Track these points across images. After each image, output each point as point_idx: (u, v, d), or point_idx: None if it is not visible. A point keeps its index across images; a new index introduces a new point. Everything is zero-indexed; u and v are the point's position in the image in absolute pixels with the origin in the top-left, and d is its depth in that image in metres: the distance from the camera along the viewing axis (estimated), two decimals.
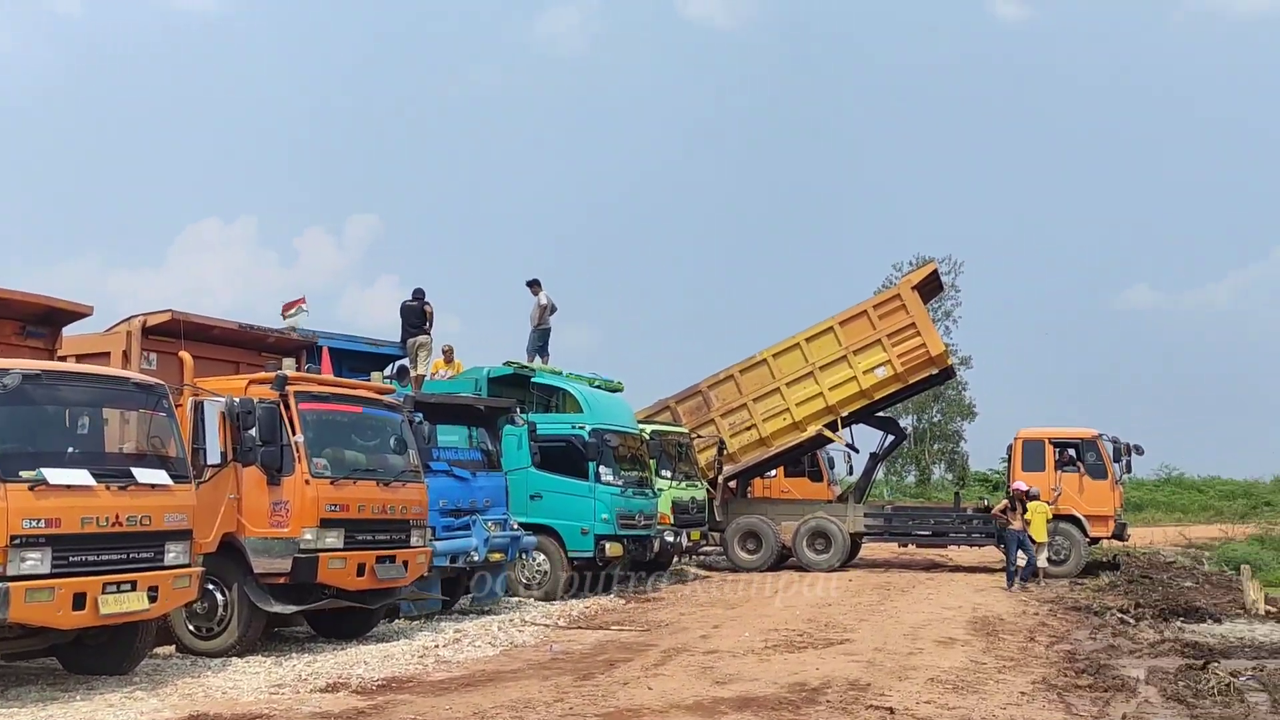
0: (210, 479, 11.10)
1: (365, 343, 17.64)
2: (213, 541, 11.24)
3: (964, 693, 9.73)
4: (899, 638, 13.05)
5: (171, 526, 10.06)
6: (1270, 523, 35.88)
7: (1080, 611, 16.26)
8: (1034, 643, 13.05)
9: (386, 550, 12.33)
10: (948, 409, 59.36)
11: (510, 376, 18.44)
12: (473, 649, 12.03)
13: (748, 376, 23.88)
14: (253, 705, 8.99)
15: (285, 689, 9.68)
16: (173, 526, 10.08)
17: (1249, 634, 14.05)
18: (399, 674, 10.46)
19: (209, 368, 12.89)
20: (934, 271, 25.85)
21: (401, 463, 13.03)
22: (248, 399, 11.34)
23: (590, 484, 17.36)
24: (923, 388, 26.81)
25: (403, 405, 13.55)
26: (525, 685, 9.80)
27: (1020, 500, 19.64)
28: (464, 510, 15.01)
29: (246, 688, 9.72)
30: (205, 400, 11.12)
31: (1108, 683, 10.46)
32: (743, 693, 9.45)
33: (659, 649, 12.00)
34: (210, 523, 11.16)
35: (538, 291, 20.60)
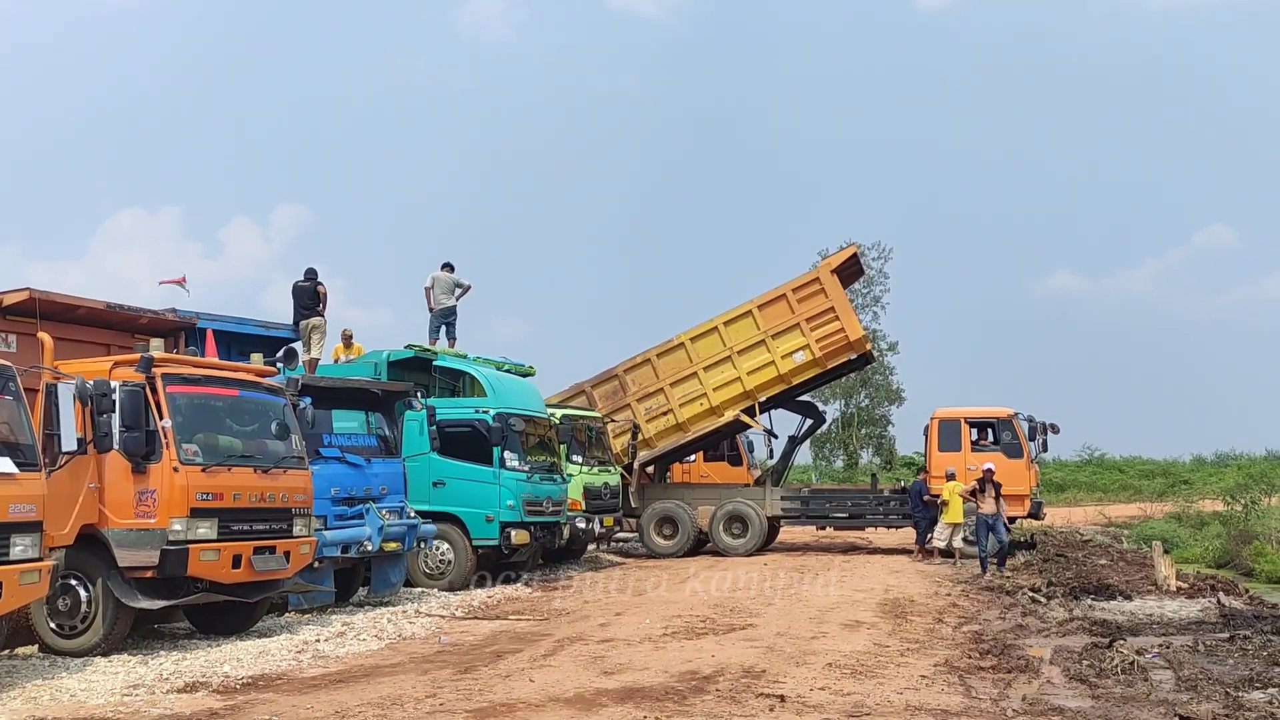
0: (65, 467, 10.38)
1: (256, 325, 16.83)
2: (69, 534, 10.51)
3: (861, 678, 9.33)
4: (804, 622, 12.66)
5: (17, 518, 9.33)
6: (1187, 501, 36.27)
7: (993, 591, 16.04)
8: (942, 624, 12.74)
9: (266, 541, 11.66)
10: (875, 394, 59.45)
11: (412, 360, 17.79)
12: (356, 643, 11.42)
13: (665, 360, 23.36)
14: (99, 709, 8.33)
15: (141, 690, 9.01)
16: (19, 518, 9.35)
17: (1158, 611, 13.90)
18: (269, 671, 9.83)
19: (77, 350, 12.15)
20: (854, 255, 25.25)
21: (283, 449, 12.35)
22: (102, 380, 10.59)
23: (495, 470, 16.76)
24: (841, 373, 26.41)
25: (286, 388, 12.87)
26: (400, 681, 9.22)
27: (989, 482, 19.00)
28: (357, 498, 14.35)
29: (101, 689, 9.04)
30: (60, 383, 10.37)
31: (1011, 664, 10.15)
32: (629, 683, 8.96)
33: (553, 639, 11.48)
34: (66, 514, 10.44)
35: (442, 273, 19.89)
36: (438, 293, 20.23)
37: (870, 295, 55.00)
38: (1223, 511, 30.59)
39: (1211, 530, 30.12)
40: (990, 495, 18.73)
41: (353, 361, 18.18)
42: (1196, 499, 36.66)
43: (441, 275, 20.24)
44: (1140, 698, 8.62)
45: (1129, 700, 8.54)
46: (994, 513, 18.67)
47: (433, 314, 20.17)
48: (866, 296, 54.65)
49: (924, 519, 21.89)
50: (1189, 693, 8.83)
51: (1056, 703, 8.49)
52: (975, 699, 8.61)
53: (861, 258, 36.60)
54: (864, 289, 53.48)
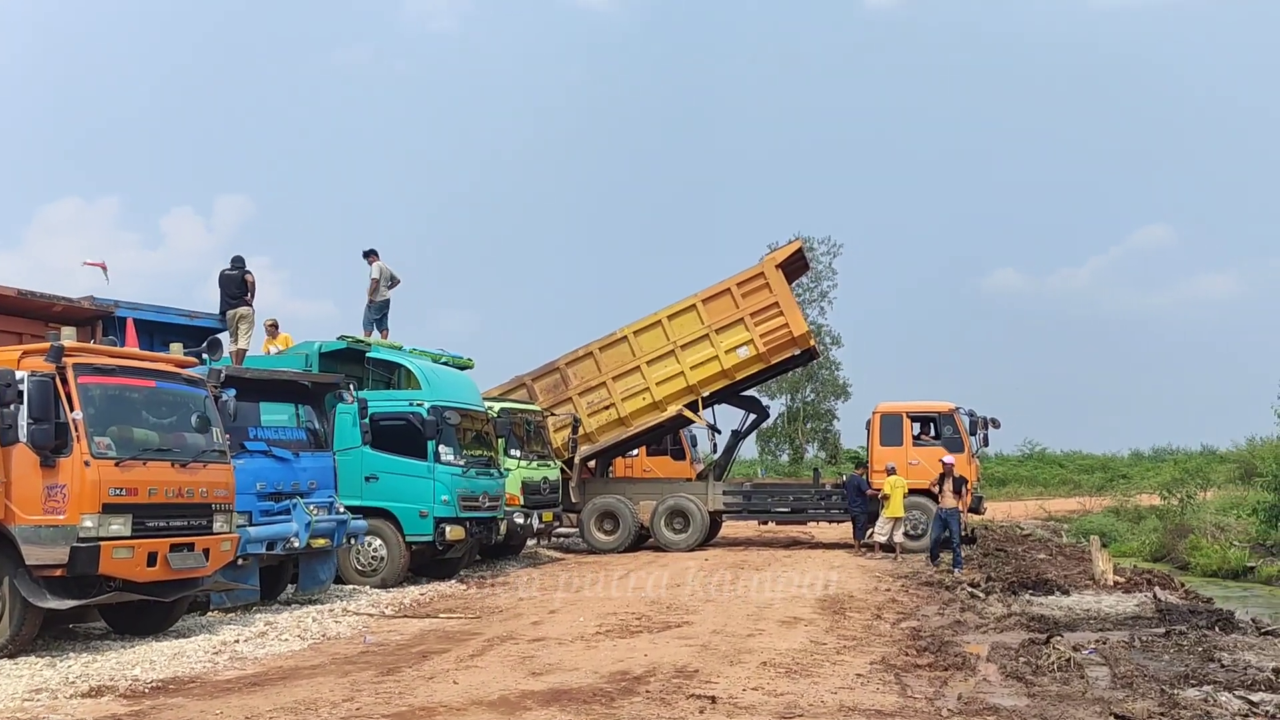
0: None
1: (180, 314, 16.27)
2: None
3: (796, 677, 9.11)
4: (741, 619, 12.43)
5: None
6: (1125, 495, 36.65)
7: (932, 587, 15.93)
8: (880, 620, 12.57)
9: (183, 538, 11.21)
10: (821, 388, 59.50)
11: (344, 351, 17.31)
12: (278, 644, 11.02)
13: (607, 354, 23.00)
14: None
15: (44, 695, 8.56)
16: None
17: (1095, 606, 13.84)
18: (182, 674, 9.42)
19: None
20: (799, 251, 24.92)
21: (204, 442, 11.89)
22: (5, 370, 10.10)
23: (429, 464, 16.39)
24: (785, 368, 26.14)
25: (208, 379, 12.41)
26: (318, 683, 8.86)
27: (949, 476, 18.84)
28: (285, 493, 13.92)
29: (1, 694, 8.57)
30: None
31: (948, 661, 9.98)
32: (557, 685, 8.67)
33: (483, 638, 11.16)
34: None
35: (373, 261, 19.43)
36: (383, 285, 19.79)
37: (818, 290, 55.08)
38: (1159, 506, 30.90)
39: (1148, 524, 30.43)
40: (949, 490, 18.65)
41: (281, 353, 17.69)
42: (1134, 493, 37.09)
43: (385, 266, 19.77)
44: (1076, 696, 8.48)
45: (1064, 698, 8.40)
46: (953, 508, 18.58)
47: (372, 305, 19.71)
48: (814, 291, 54.72)
49: (862, 514, 21.81)
50: (1124, 690, 8.70)
51: (992, 701, 8.32)
52: (910, 698, 8.42)
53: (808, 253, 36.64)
54: (811, 284, 53.55)
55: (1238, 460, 40.04)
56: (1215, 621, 12.42)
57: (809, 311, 52.75)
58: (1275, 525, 24.06)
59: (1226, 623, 12.40)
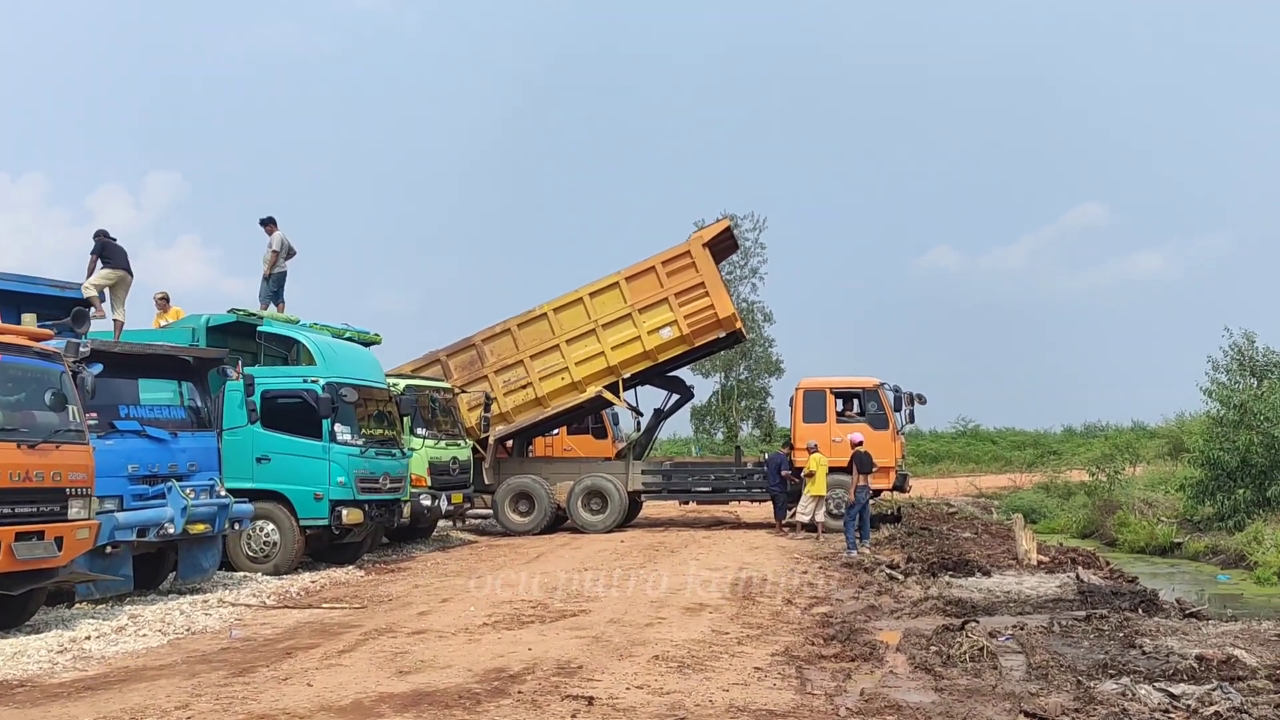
0: None
1: (49, 284, 15.11)
2: None
3: (689, 672, 8.38)
4: (643, 606, 11.70)
5: None
6: (1055, 471, 36.50)
7: (851, 568, 15.33)
8: (790, 606, 11.91)
9: (31, 525, 10.24)
10: (755, 366, 58.95)
11: (235, 326, 16.29)
12: (133, 640, 10.10)
13: (526, 331, 22.09)
14: None
15: None
16: None
17: (1016, 587, 13.31)
18: (13, 677, 8.49)
19: None
20: (728, 229, 23.79)
21: (58, 421, 10.91)
22: None
23: (324, 444, 15.48)
24: (710, 350, 25.30)
25: (64, 353, 11.39)
26: (158, 687, 7.98)
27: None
28: (161, 476, 12.95)
29: None
30: None
31: (856, 651, 9.34)
32: (421, 686, 7.86)
33: (360, 631, 10.32)
34: None
35: (272, 231, 18.37)
36: (282, 258, 18.71)
37: (748, 267, 54.44)
38: (1088, 482, 30.73)
39: (1077, 500, 30.27)
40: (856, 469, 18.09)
41: (168, 326, 16.64)
42: (1064, 469, 36.95)
43: (284, 236, 18.68)
44: (986, 690, 7.85)
45: (974, 693, 7.76)
46: (861, 485, 18.00)
47: (271, 278, 18.64)
48: (744, 268, 54.04)
49: (781, 493, 21.22)
50: (1039, 682, 8.10)
51: (896, 697, 7.66)
52: (808, 695, 7.73)
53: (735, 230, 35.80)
54: (741, 260, 52.84)
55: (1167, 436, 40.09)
56: (1139, 603, 11.94)
57: (739, 289, 52.10)
58: (1202, 501, 23.88)
59: (1150, 604, 11.93)
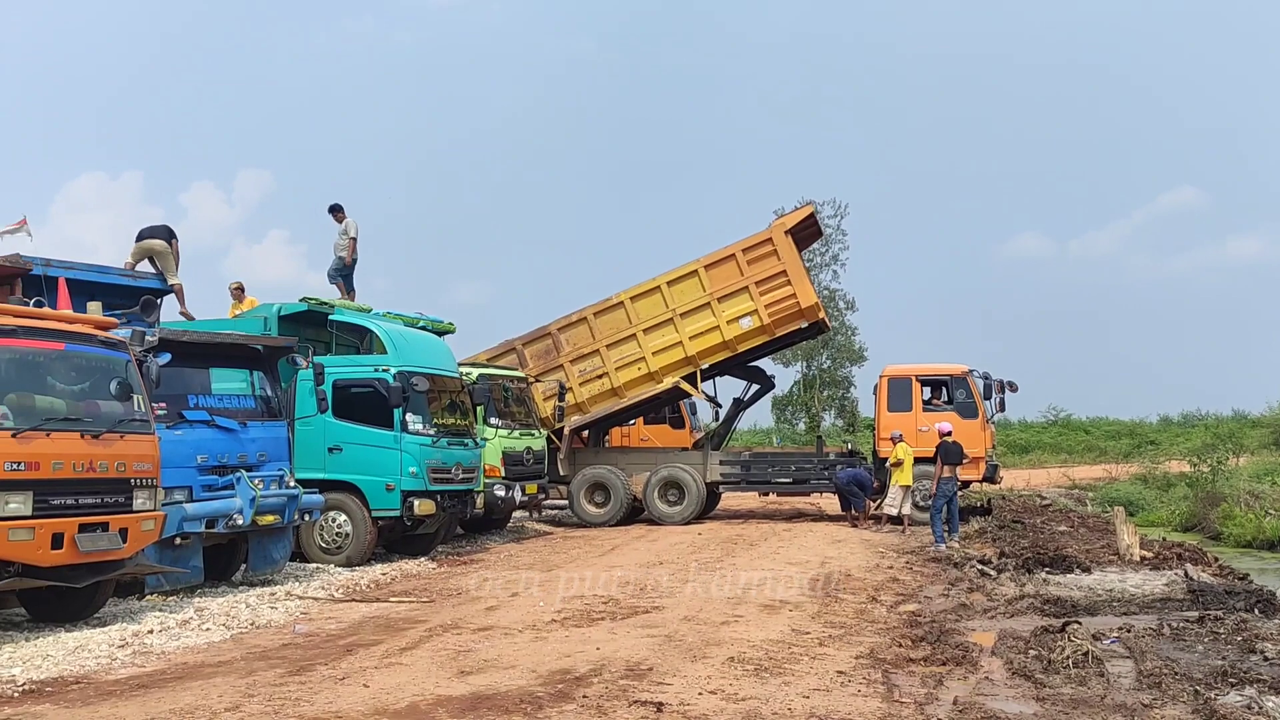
0: None
1: (121, 274, 15.05)
2: None
3: (765, 676, 7.85)
4: (719, 603, 11.16)
5: None
6: (1153, 462, 35.14)
7: (939, 563, 14.65)
8: (875, 604, 11.30)
9: (95, 516, 10.04)
10: (837, 355, 57.92)
11: (306, 314, 16.09)
12: (196, 634, 9.85)
13: (602, 320, 21.64)
14: None
15: None
16: None
17: (1119, 585, 12.50)
18: (70, 673, 8.25)
19: None
20: (811, 215, 22.83)
21: (122, 410, 10.70)
22: None
23: (396, 434, 15.18)
24: (791, 341, 24.57)
25: (130, 342, 11.20)
26: (211, 686, 7.66)
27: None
28: (230, 466, 12.75)
29: None
30: None
31: (947, 654, 8.72)
32: (482, 688, 7.44)
33: (425, 627, 9.95)
34: None
35: (342, 218, 18.14)
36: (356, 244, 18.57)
37: (829, 254, 53.43)
38: (1189, 473, 29.47)
39: (1178, 492, 29.04)
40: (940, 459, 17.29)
41: (242, 316, 16.50)
42: (1163, 460, 35.58)
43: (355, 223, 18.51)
44: (1094, 700, 7.19)
45: (1080, 704, 7.11)
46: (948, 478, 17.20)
47: (344, 264, 18.49)
48: (825, 255, 53.05)
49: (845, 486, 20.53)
50: (1151, 691, 7.42)
51: (993, 707, 7.06)
52: (896, 703, 7.16)
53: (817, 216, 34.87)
54: (822, 248, 51.87)
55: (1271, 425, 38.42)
56: (1254, 603, 11.07)
57: (821, 276, 51.12)
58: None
59: (1267, 605, 11.04)
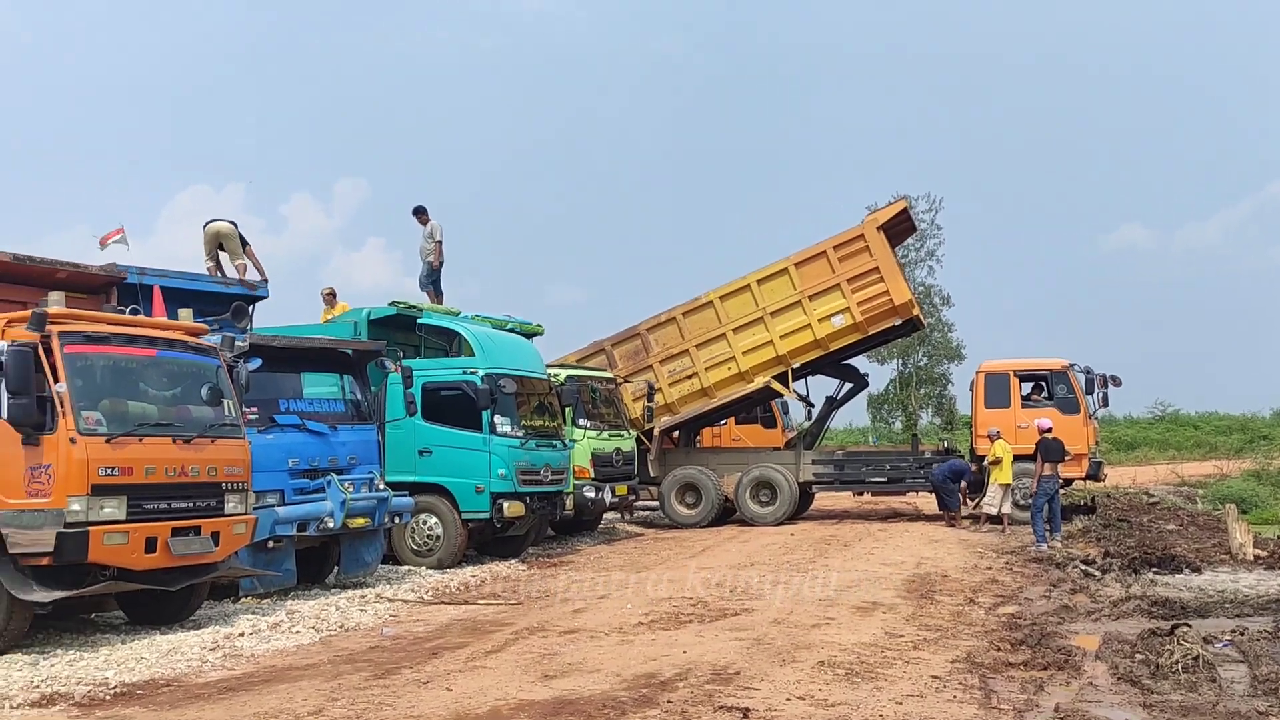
0: None
1: (214, 281, 15.31)
2: None
3: (857, 681, 7.60)
4: (811, 604, 10.91)
5: None
6: (1268, 457, 33.74)
7: (1041, 564, 14.18)
8: (973, 606, 10.95)
9: (187, 521, 10.17)
10: (934, 351, 56.88)
11: (395, 318, 16.20)
12: (285, 637, 9.92)
13: (691, 320, 21.49)
14: None
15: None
16: None
17: (1232, 586, 11.95)
18: (160, 676, 8.34)
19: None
20: (904, 211, 22.62)
21: (212, 415, 10.84)
22: None
23: (484, 436, 15.19)
24: (885, 339, 24.14)
25: (220, 347, 11.35)
26: (296, 689, 7.67)
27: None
28: (321, 470, 12.86)
29: None
30: None
31: (1048, 658, 8.38)
32: (565, 692, 7.32)
33: (511, 629, 9.88)
34: None
35: (426, 221, 18.23)
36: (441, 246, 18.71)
37: (925, 249, 52.49)
38: None
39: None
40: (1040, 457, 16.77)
41: (332, 321, 16.68)
42: (1277, 455, 34.15)
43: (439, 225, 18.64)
44: (1205, 707, 6.82)
45: (1190, 711, 6.76)
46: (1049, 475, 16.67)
47: (439, 267, 18.64)
48: (921, 250, 52.13)
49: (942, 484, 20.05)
50: (1268, 698, 7.02)
51: (1097, 714, 6.74)
52: (994, 709, 6.87)
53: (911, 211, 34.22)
54: (917, 243, 50.98)
55: None
56: None
57: (916, 272, 50.23)
58: None
59: None
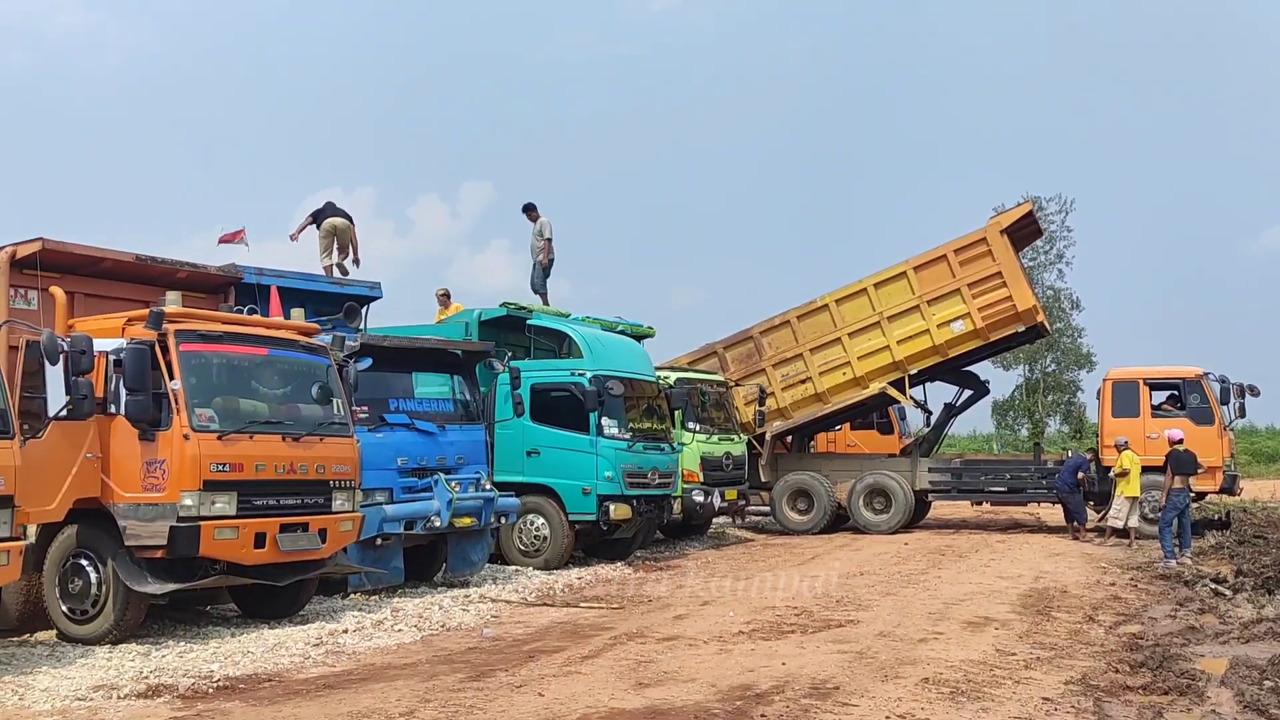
0: (54, 434, 9.28)
1: (330, 282, 15.59)
2: (58, 509, 9.42)
3: (962, 700, 7.29)
4: (920, 618, 10.58)
5: None
6: None
7: (1168, 581, 13.54)
8: (1092, 624, 10.47)
9: (296, 517, 10.35)
10: (1063, 358, 55.18)
11: (506, 319, 16.28)
12: (387, 635, 9.99)
13: (806, 323, 21.16)
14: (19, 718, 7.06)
15: (99, 694, 7.70)
16: None
17: None
18: (263, 671, 8.46)
19: (107, 307, 11.10)
20: (1029, 213, 21.71)
21: (322, 413, 11.03)
22: (81, 336, 9.34)
23: (591, 438, 15.17)
24: (1007, 346, 23.45)
25: (331, 347, 11.52)
26: (391, 689, 7.68)
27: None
28: (429, 469, 12.98)
29: (61, 691, 7.77)
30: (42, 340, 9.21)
31: (1169, 682, 7.93)
32: (658, 701, 7.18)
33: (610, 634, 9.78)
34: (55, 486, 9.34)
35: (536, 218, 18.24)
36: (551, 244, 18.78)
37: (1053, 252, 50.96)
38: None
39: None
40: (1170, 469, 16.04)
41: (444, 321, 16.85)
42: None
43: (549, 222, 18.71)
44: None
45: None
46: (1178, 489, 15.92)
47: (540, 265, 18.71)
48: (1049, 253, 50.64)
49: (1071, 495, 19.33)
50: None
51: None
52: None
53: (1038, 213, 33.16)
54: (1045, 246, 49.52)
55: None
56: None
57: (1043, 276, 48.80)
58: None
59: None
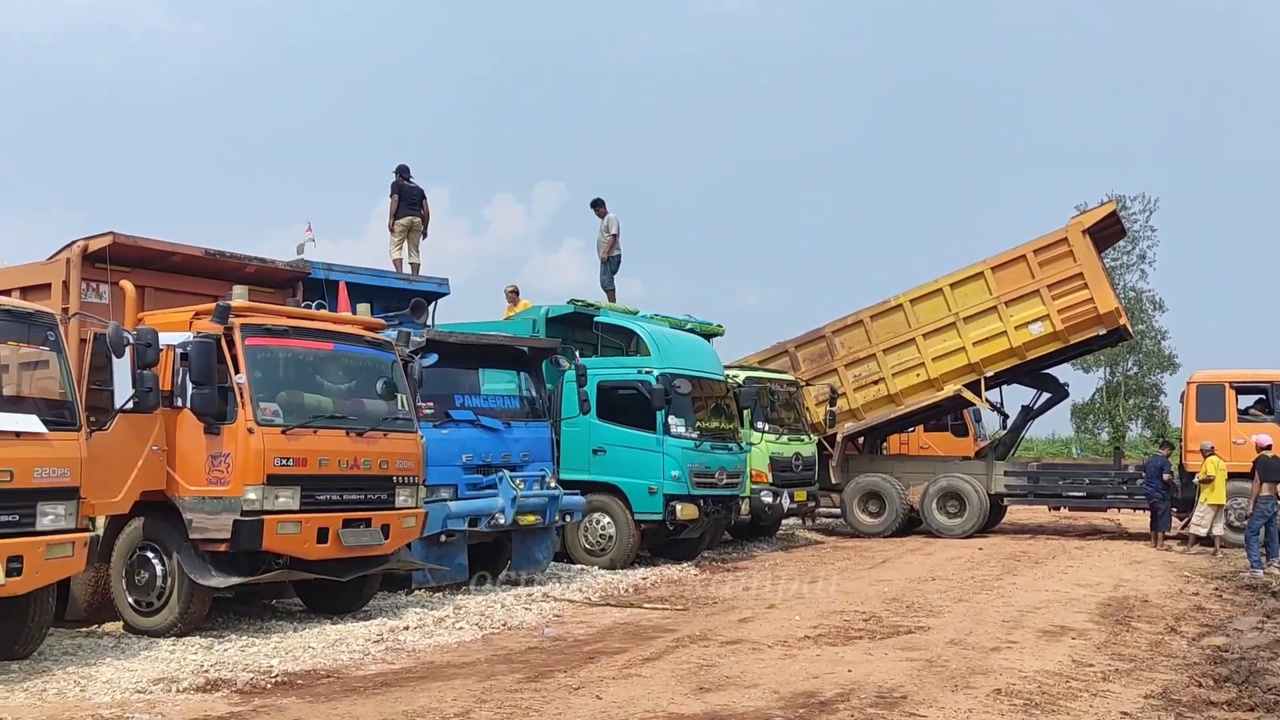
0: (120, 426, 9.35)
1: (398, 278, 15.60)
2: (123, 501, 9.51)
3: (1034, 713, 7.00)
4: (993, 625, 10.25)
5: (47, 483, 8.31)
6: None
7: (1254, 591, 13.02)
8: (1175, 635, 10.06)
9: (358, 513, 10.34)
10: (1145, 360, 53.87)
11: (573, 316, 16.19)
12: (449, 632, 9.91)
13: (879, 323, 20.80)
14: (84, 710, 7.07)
15: (159, 687, 7.71)
16: (49, 483, 8.33)
17: None
18: (322, 667, 8.42)
19: (177, 302, 11.15)
20: (1113, 213, 21.22)
21: (386, 409, 11.00)
22: (146, 330, 9.36)
23: (658, 436, 15.01)
24: (1087, 349, 22.86)
25: (396, 342, 11.50)
26: (448, 688, 7.58)
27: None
28: (494, 466, 12.90)
29: (122, 684, 7.80)
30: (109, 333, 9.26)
31: (1255, 698, 7.56)
32: (717, 708, 6.98)
33: (673, 636, 9.60)
34: (120, 479, 9.42)
35: (604, 214, 18.11)
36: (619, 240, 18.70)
37: (1136, 252, 49.74)
38: None
39: None
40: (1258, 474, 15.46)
41: (513, 318, 16.80)
42: None
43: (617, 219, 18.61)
44: None
45: None
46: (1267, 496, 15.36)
47: (610, 262, 18.61)
48: (1132, 254, 49.45)
49: (1161, 500, 18.73)
50: None
51: None
52: None
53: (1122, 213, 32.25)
54: (1128, 246, 48.35)
55: None
56: None
57: (1125, 277, 47.68)
58: None
59: None
